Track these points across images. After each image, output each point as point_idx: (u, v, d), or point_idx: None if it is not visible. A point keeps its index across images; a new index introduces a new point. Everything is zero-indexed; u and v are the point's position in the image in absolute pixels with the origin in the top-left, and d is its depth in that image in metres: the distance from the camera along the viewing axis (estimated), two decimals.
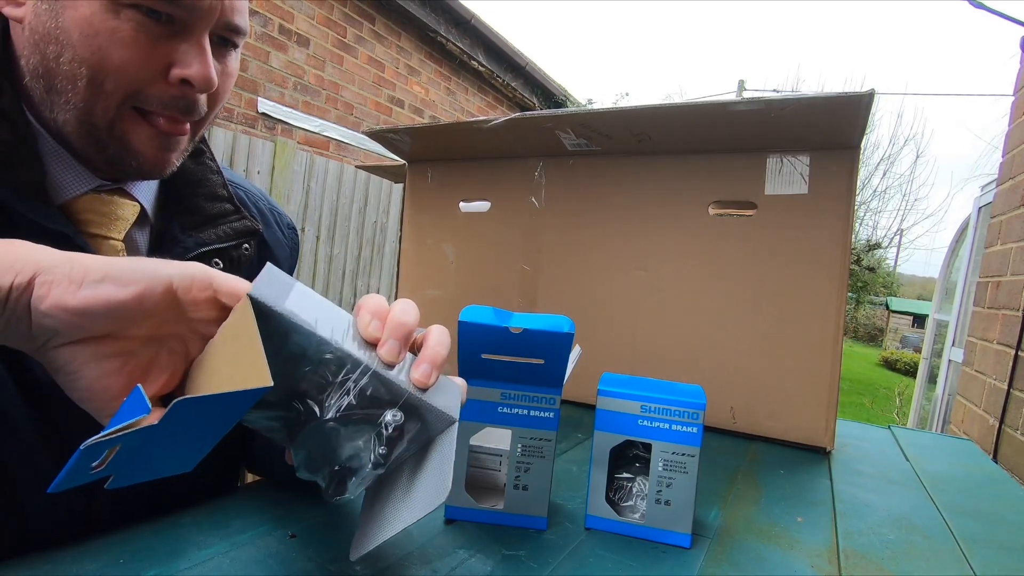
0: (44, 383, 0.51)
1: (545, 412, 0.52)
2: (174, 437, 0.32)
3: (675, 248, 0.92)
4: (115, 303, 0.32)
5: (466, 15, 4.59)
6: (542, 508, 0.52)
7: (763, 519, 0.60)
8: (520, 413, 0.52)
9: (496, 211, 1.07)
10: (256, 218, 0.66)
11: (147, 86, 0.48)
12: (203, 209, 0.59)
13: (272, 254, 0.70)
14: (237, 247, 0.61)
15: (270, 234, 0.70)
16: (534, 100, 6.13)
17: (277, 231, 0.72)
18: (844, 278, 0.81)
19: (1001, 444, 1.86)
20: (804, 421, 0.84)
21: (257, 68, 3.31)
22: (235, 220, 0.61)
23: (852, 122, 0.73)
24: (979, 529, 0.63)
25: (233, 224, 0.61)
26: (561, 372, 0.51)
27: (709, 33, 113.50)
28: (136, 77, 0.47)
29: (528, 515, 0.52)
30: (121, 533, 0.44)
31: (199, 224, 0.58)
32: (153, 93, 0.48)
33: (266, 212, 0.71)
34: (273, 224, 0.72)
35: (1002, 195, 2.18)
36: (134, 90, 0.47)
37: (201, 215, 0.59)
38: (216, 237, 0.59)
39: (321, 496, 0.38)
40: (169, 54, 0.47)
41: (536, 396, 0.52)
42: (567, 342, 0.48)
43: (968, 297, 2.81)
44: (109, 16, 0.44)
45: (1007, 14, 2.83)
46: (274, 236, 0.71)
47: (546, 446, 0.52)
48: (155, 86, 0.48)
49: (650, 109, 0.80)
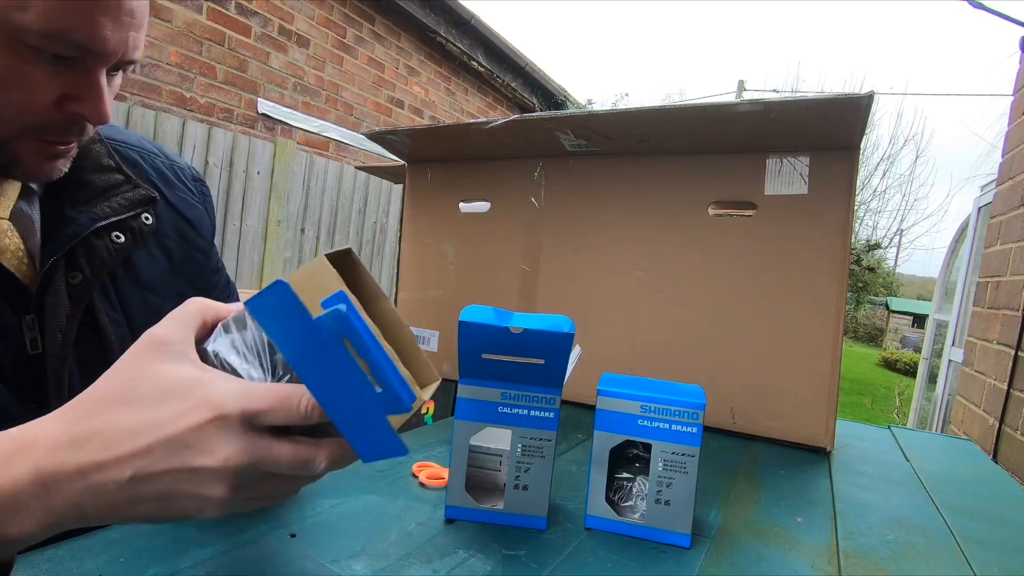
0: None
1: (545, 412, 0.52)
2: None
3: (675, 248, 0.92)
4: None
5: (466, 15, 4.60)
6: (542, 508, 0.52)
7: (763, 519, 0.60)
8: (520, 413, 0.52)
9: (496, 211, 1.07)
10: (154, 181, 0.64)
11: (44, 120, 0.47)
12: (91, 182, 0.57)
13: (182, 216, 0.67)
14: (136, 217, 0.59)
15: (175, 194, 0.67)
16: (534, 100, 6.13)
17: (182, 189, 0.68)
18: (844, 278, 0.81)
19: (1001, 444, 1.86)
20: (804, 421, 0.84)
21: (257, 69, 3.31)
22: (127, 190, 0.59)
23: (852, 123, 0.73)
24: (979, 529, 0.63)
25: (126, 195, 0.58)
26: (561, 372, 0.51)
27: (709, 33, 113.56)
28: (34, 114, 0.46)
29: (528, 515, 0.52)
30: (121, 532, 0.44)
31: (89, 199, 0.56)
32: (48, 124, 0.48)
33: (165, 170, 0.67)
34: (176, 182, 0.68)
35: (1002, 195, 2.18)
36: (30, 125, 0.47)
37: (90, 189, 0.57)
38: (111, 210, 0.57)
39: (320, 494, 0.38)
40: (65, 87, 0.47)
41: (536, 396, 0.52)
42: (567, 342, 0.48)
43: (968, 297, 2.81)
44: (8, 55, 0.43)
45: (1007, 14, 2.83)
46: (179, 196, 0.67)
47: (546, 446, 0.52)
48: (50, 117, 0.47)
49: (650, 111, 0.80)
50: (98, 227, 0.55)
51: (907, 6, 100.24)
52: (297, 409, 0.31)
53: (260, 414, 0.31)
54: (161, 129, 2.70)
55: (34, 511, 0.30)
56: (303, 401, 0.31)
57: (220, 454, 0.30)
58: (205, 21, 2.99)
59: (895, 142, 14.20)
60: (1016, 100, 2.20)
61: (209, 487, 0.30)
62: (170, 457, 0.30)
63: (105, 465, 0.30)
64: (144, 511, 0.31)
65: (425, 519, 0.53)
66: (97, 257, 0.55)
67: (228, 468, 0.30)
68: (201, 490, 0.30)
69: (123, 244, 0.57)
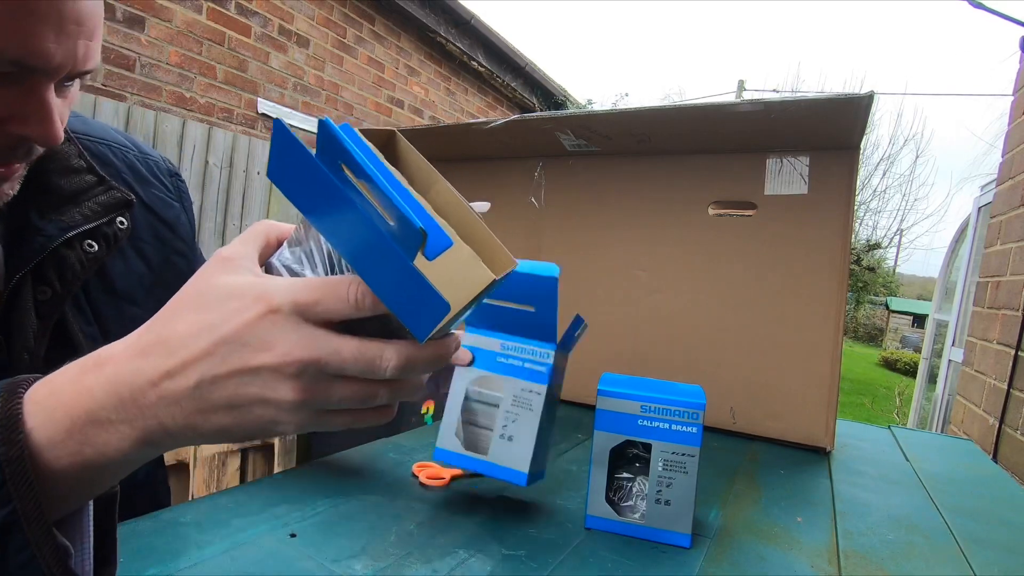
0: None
1: (539, 366, 0.53)
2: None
3: (675, 248, 0.92)
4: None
5: (466, 15, 4.59)
6: (524, 462, 0.52)
7: (763, 519, 0.60)
8: (515, 364, 0.54)
9: (496, 211, 1.07)
10: (127, 179, 0.59)
11: None
12: (59, 187, 0.51)
13: (158, 217, 0.62)
14: (110, 223, 0.53)
15: (149, 193, 0.61)
16: (534, 100, 6.13)
17: (157, 186, 0.63)
18: (844, 278, 0.81)
19: (1001, 444, 1.86)
20: (804, 421, 0.84)
21: (257, 68, 3.31)
22: (100, 193, 0.53)
23: (852, 123, 0.73)
24: (979, 529, 0.63)
25: (99, 199, 0.53)
26: (552, 321, 0.52)
27: (709, 33, 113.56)
28: None
29: (511, 468, 0.53)
30: (121, 532, 0.44)
31: (58, 205, 0.51)
32: None
33: (139, 166, 0.62)
34: (151, 178, 0.62)
35: (1002, 195, 2.18)
36: None
37: (58, 194, 0.51)
38: (82, 217, 0.51)
39: (320, 494, 0.38)
40: (6, 107, 0.41)
41: (532, 349, 0.54)
42: (553, 287, 0.50)
43: (968, 297, 2.81)
44: None
45: (1007, 14, 2.83)
46: (154, 195, 0.62)
47: (535, 399, 0.53)
48: None
49: (650, 111, 0.80)
50: (68, 236, 0.50)
51: (907, 6, 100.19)
52: (346, 297, 0.30)
53: (311, 305, 0.30)
54: (161, 129, 2.70)
55: (118, 426, 0.29)
56: (352, 288, 0.30)
57: (278, 349, 0.29)
58: (205, 21, 2.99)
59: (895, 142, 14.24)
60: (1016, 100, 2.20)
61: (275, 389, 0.29)
62: (231, 358, 0.29)
63: (171, 372, 0.29)
64: (220, 423, 0.30)
65: (425, 519, 0.53)
66: (68, 270, 0.50)
67: (289, 364, 0.29)
68: (268, 393, 0.29)
69: (97, 253, 0.52)
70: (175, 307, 0.31)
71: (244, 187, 3.15)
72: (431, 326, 0.29)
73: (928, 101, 40.16)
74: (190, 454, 1.59)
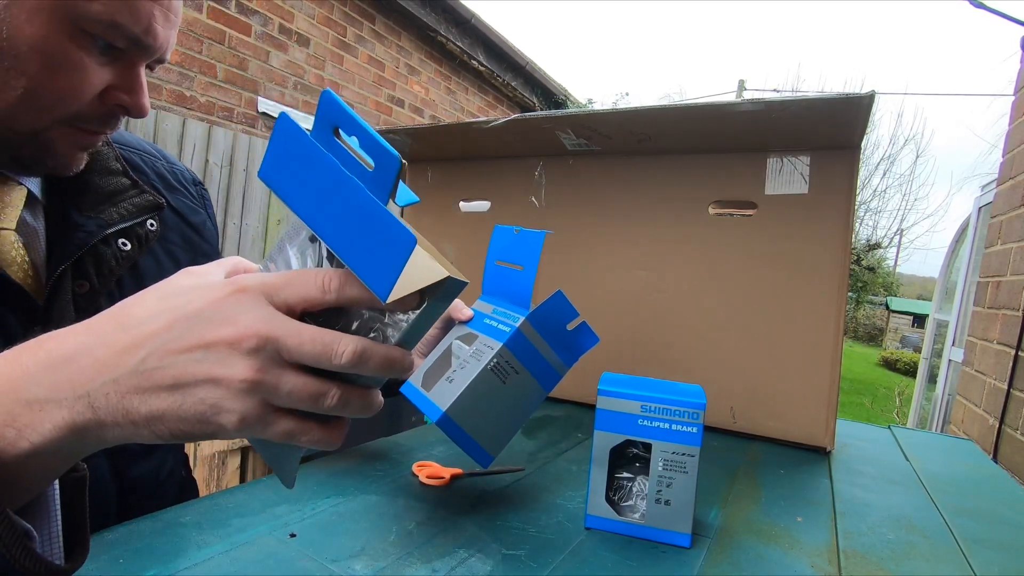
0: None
1: (504, 326, 0.55)
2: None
3: (675, 248, 0.92)
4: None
5: (466, 15, 4.59)
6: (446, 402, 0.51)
7: (763, 519, 0.60)
8: (491, 324, 0.56)
9: (496, 210, 1.07)
10: (156, 185, 0.62)
11: (85, 108, 0.47)
12: (97, 186, 0.55)
13: (185, 221, 0.65)
14: (142, 224, 0.57)
15: (177, 199, 0.65)
16: (534, 100, 6.12)
17: (184, 193, 0.67)
18: (844, 278, 0.81)
19: (1001, 444, 1.86)
20: (804, 421, 0.84)
21: (257, 68, 3.31)
22: (135, 195, 0.57)
23: (852, 123, 0.73)
24: (979, 529, 0.63)
25: (133, 200, 0.57)
26: (529, 285, 0.56)
27: (709, 33, 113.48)
28: (78, 101, 0.46)
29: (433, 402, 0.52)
30: (121, 533, 0.44)
31: (96, 203, 0.54)
32: (88, 113, 0.48)
33: (167, 174, 0.66)
34: (177, 186, 0.66)
35: (1002, 195, 2.18)
36: (73, 113, 0.47)
37: (97, 193, 0.55)
38: (119, 216, 0.55)
39: (320, 494, 0.38)
40: (108, 79, 0.47)
41: (508, 312, 0.57)
42: (538, 242, 0.56)
43: (968, 297, 2.81)
44: (64, 39, 0.43)
45: (1007, 14, 2.83)
46: (182, 201, 0.66)
47: (487, 352, 0.53)
48: (91, 107, 0.47)
49: (650, 110, 0.80)
50: (107, 233, 0.53)
51: (907, 6, 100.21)
52: (313, 280, 0.31)
53: (279, 287, 0.31)
54: (161, 128, 2.70)
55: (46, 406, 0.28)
56: (320, 274, 0.31)
57: (240, 323, 0.29)
58: (205, 20, 2.99)
59: (895, 142, 14.22)
60: (1016, 100, 2.20)
61: (228, 364, 0.28)
62: (188, 333, 0.29)
63: (117, 345, 0.29)
64: (157, 406, 0.29)
65: (425, 519, 0.53)
66: (105, 265, 0.53)
67: (248, 338, 0.28)
68: (218, 370, 0.28)
69: (129, 252, 0.56)
70: (135, 298, 0.32)
71: (244, 186, 3.15)
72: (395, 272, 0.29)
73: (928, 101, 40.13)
74: (190, 453, 1.59)
